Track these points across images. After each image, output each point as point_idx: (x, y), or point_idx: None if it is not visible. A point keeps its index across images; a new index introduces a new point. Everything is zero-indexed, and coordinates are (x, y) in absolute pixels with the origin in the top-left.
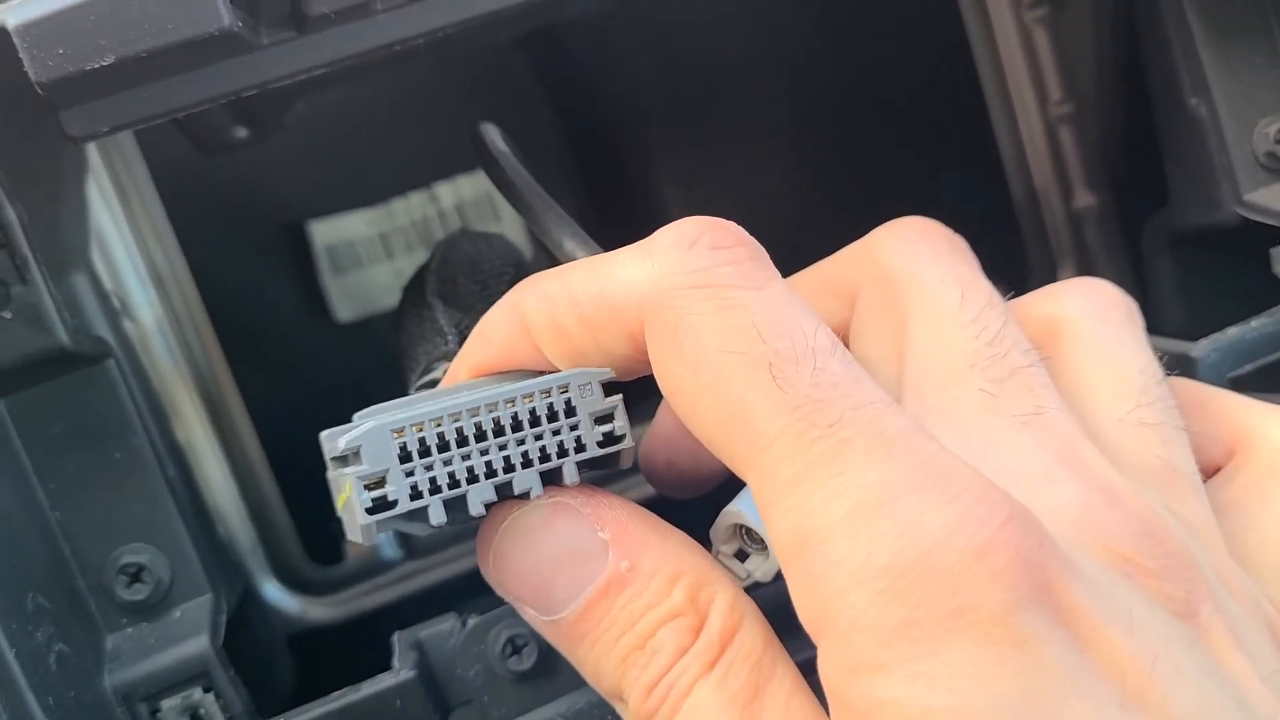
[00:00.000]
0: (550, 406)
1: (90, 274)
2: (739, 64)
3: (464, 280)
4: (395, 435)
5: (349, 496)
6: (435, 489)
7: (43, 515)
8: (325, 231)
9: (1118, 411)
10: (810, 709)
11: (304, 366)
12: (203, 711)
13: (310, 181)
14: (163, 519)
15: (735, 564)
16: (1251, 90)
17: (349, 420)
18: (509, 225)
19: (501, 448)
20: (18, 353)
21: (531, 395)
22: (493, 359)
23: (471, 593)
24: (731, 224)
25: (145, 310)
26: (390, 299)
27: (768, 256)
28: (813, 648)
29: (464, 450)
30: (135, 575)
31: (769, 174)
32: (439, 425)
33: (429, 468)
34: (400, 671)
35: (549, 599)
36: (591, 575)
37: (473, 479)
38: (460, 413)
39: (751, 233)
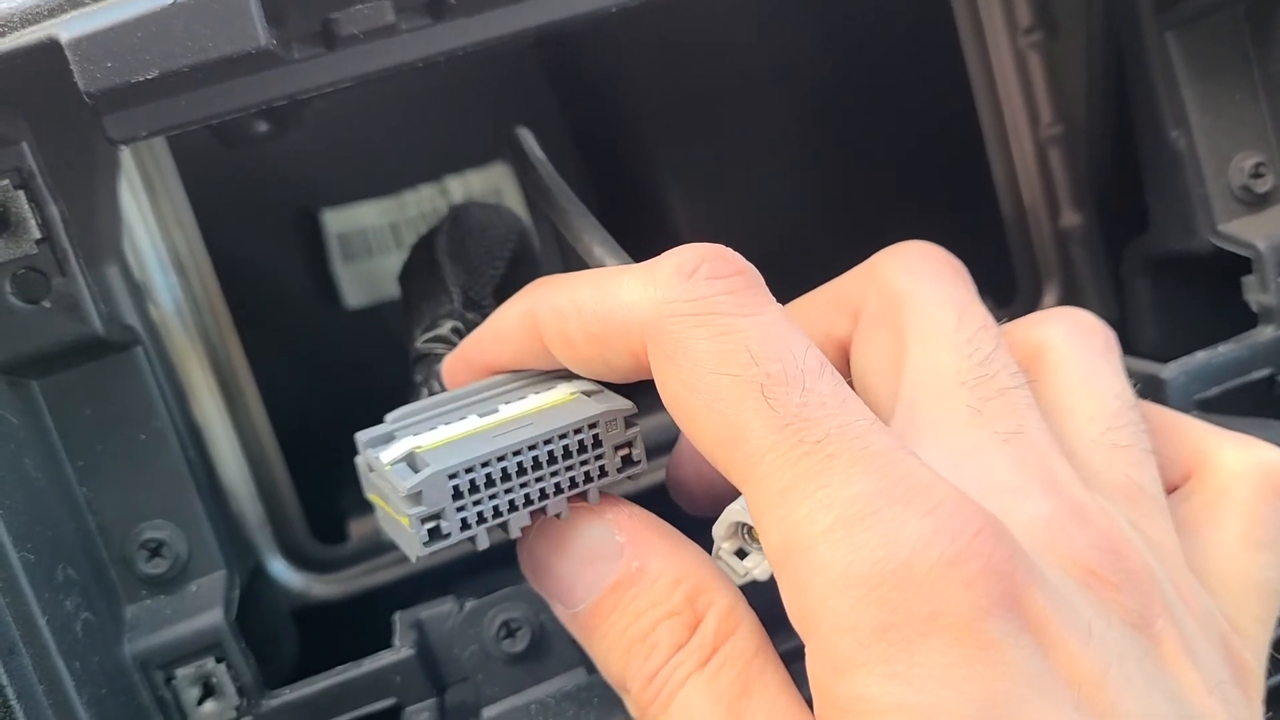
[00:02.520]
0: (581, 443)
1: (122, 265)
2: (746, 76)
3: (472, 243)
4: (450, 478)
5: (406, 528)
6: (481, 520)
7: (71, 491)
8: (338, 220)
9: (1091, 433)
10: (795, 708)
11: (314, 350)
12: (214, 680)
13: (325, 172)
14: (182, 498)
15: (735, 561)
16: (1229, 125)
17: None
18: None
19: (539, 479)
20: (56, 340)
21: (567, 435)
22: (508, 358)
23: (468, 575)
24: (730, 252)
25: (166, 295)
26: (398, 288)
27: (763, 283)
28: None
29: (507, 485)
30: (155, 550)
31: (771, 183)
32: (488, 467)
33: (478, 502)
34: (400, 649)
35: (571, 594)
36: (607, 574)
37: (513, 509)
38: (507, 454)
39: (752, 238)
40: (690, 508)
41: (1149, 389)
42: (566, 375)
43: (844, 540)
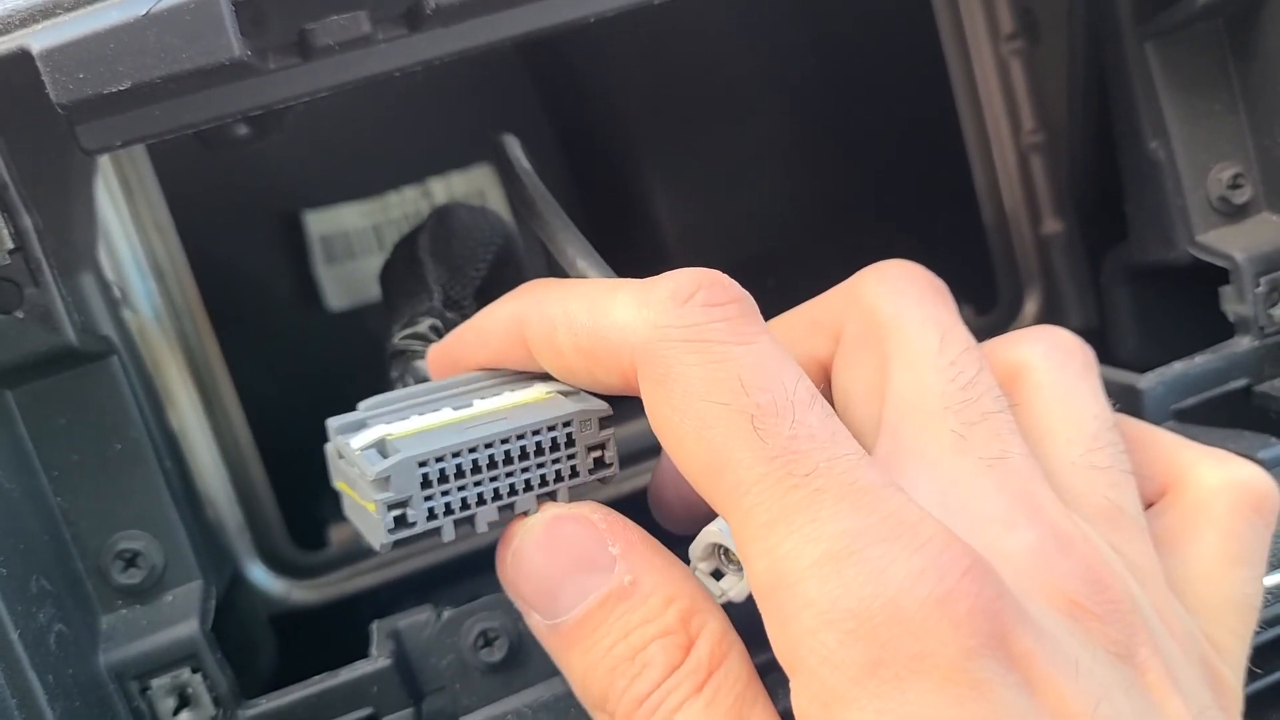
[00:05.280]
0: (554, 440)
1: (97, 274)
2: (733, 80)
3: (456, 243)
4: (420, 465)
5: (371, 512)
6: (449, 511)
7: (46, 501)
8: (320, 222)
9: (1071, 455)
10: None
11: (295, 354)
12: (190, 691)
13: (307, 173)
14: (158, 508)
15: (711, 582)
16: (1208, 137)
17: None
18: None
19: (509, 475)
20: (29, 350)
21: (540, 431)
22: (488, 357)
23: (447, 581)
24: (726, 279)
25: (144, 301)
26: (380, 291)
27: (757, 311)
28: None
29: (477, 478)
30: (131, 560)
31: (756, 187)
32: (459, 456)
33: (446, 493)
34: (377, 659)
35: (554, 603)
36: (596, 585)
37: (481, 502)
38: (478, 446)
39: (737, 242)
40: (672, 526)
41: (1126, 399)
42: (545, 377)
43: (831, 576)
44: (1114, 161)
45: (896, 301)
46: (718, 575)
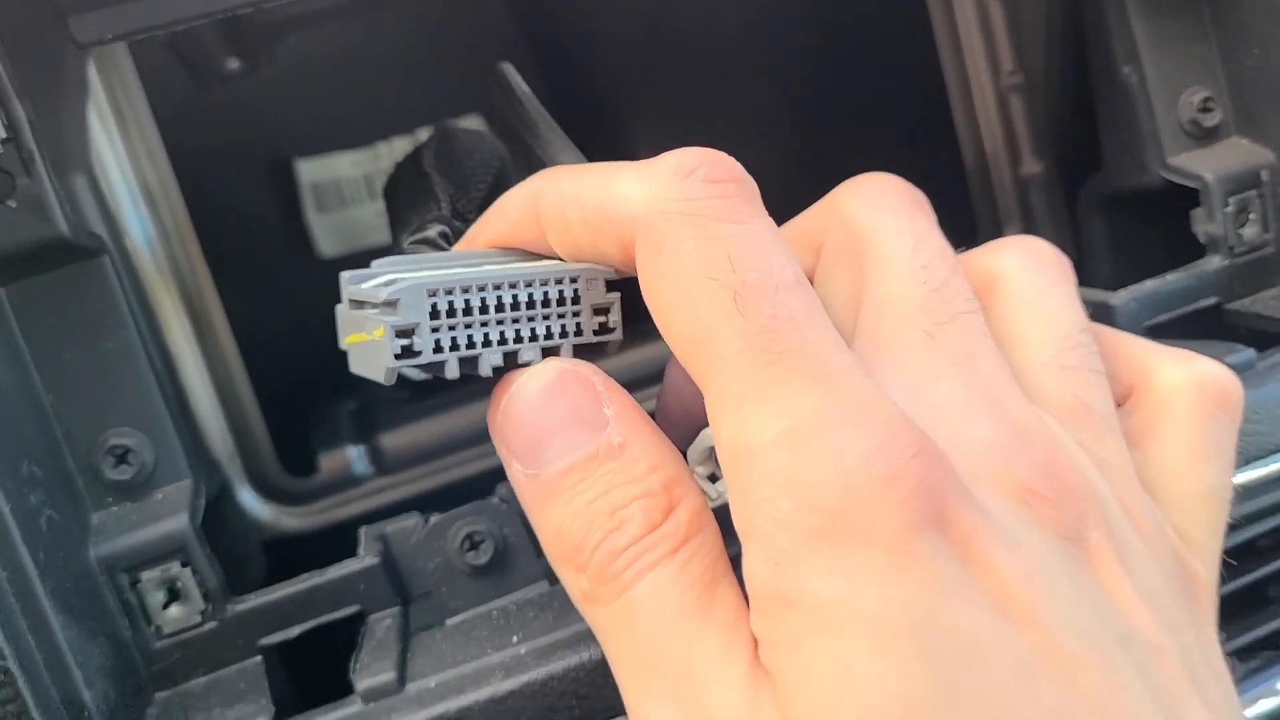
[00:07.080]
0: (561, 293)
1: (89, 176)
2: (715, 24)
3: (459, 161)
4: (429, 295)
5: (378, 340)
6: (454, 347)
7: (38, 397)
8: (311, 170)
9: (1042, 356)
10: (747, 616)
11: (287, 294)
12: (180, 584)
13: (298, 122)
14: (149, 406)
15: (707, 485)
16: (1179, 61)
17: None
18: None
19: (515, 321)
20: (21, 240)
21: (548, 281)
22: (505, 234)
23: (436, 509)
24: (729, 159)
25: (136, 226)
26: (373, 238)
27: (757, 194)
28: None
29: (484, 318)
30: (121, 457)
31: (742, 139)
32: (468, 293)
33: (453, 328)
34: (365, 558)
35: (541, 453)
36: (587, 441)
37: (487, 344)
38: (487, 285)
39: None
40: (676, 441)
41: (1100, 316)
42: (556, 260)
43: (793, 450)
44: (1090, 101)
45: (873, 212)
46: (713, 479)
